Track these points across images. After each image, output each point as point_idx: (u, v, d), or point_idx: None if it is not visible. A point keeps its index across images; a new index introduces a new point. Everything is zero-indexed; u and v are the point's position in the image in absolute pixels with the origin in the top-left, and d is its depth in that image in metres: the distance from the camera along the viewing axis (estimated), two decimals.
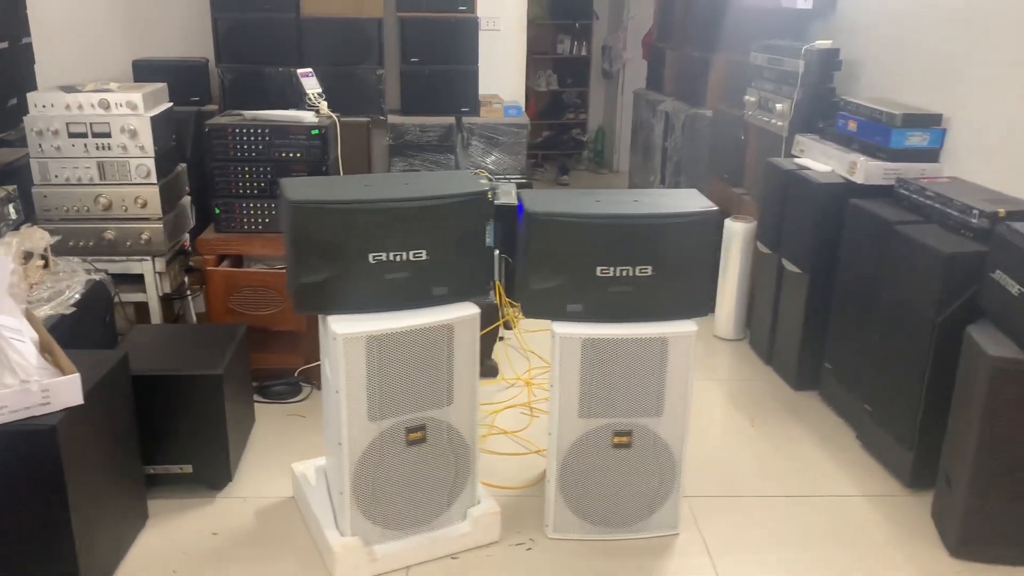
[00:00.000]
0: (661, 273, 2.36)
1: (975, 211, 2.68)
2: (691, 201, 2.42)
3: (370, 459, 2.31)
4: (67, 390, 2.08)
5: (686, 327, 2.40)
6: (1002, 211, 2.62)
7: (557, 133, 8.05)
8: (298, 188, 2.27)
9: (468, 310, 2.36)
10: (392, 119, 4.75)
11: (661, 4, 5.63)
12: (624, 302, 2.38)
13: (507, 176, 4.81)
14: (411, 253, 2.26)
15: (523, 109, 5.03)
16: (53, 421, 2.03)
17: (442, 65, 4.75)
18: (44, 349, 2.28)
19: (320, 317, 2.32)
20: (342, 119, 3.52)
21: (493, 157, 4.88)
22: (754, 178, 4.08)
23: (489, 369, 3.59)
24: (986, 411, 2.35)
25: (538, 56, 7.79)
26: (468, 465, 2.46)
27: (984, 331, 2.45)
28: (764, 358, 3.79)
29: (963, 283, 2.59)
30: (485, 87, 4.93)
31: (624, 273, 2.36)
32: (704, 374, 3.70)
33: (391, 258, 2.25)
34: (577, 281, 2.37)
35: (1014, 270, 2.36)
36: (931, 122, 3.15)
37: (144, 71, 4.50)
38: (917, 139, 3.15)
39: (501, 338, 3.84)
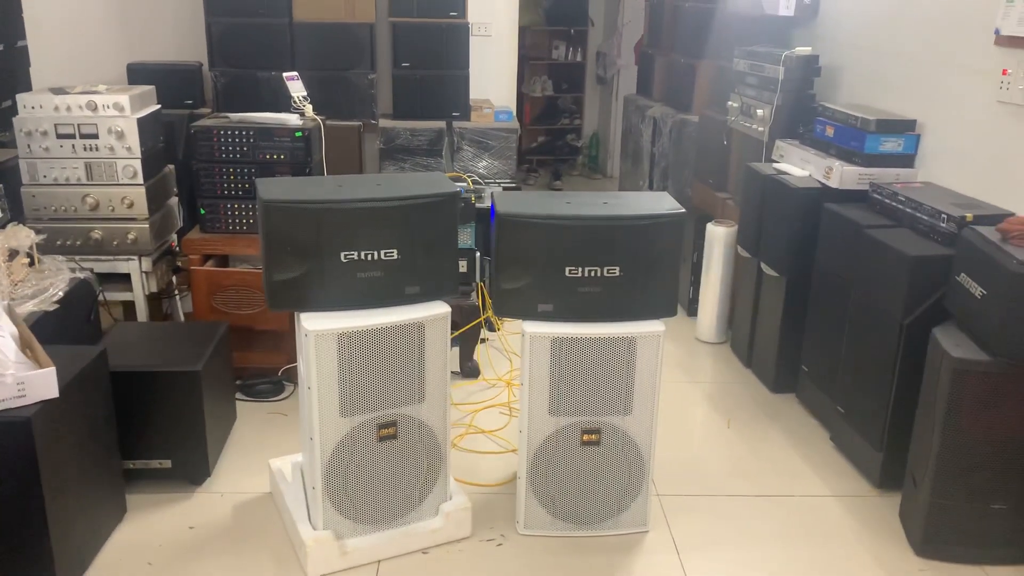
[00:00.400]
0: (629, 274, 2.40)
1: (943, 215, 2.71)
2: (659, 203, 2.47)
3: (342, 454, 2.35)
4: (42, 383, 2.13)
5: (654, 327, 2.45)
6: (969, 216, 2.66)
7: (552, 138, 8.10)
8: (272, 188, 2.32)
9: (439, 309, 2.40)
10: (384, 123, 4.82)
11: (650, 10, 5.68)
12: (593, 302, 2.43)
13: (497, 181, 4.88)
14: (382, 252, 2.31)
15: (514, 114, 5.08)
16: (28, 413, 2.08)
17: (433, 70, 4.82)
18: (24, 345, 2.33)
19: (294, 314, 2.37)
20: (334, 123, 3.58)
21: (484, 162, 4.94)
22: (737, 183, 4.12)
23: (471, 370, 3.64)
24: (948, 411, 2.39)
25: (534, 62, 7.85)
26: (439, 461, 2.50)
27: (949, 333, 2.49)
28: (744, 361, 3.82)
29: (930, 286, 2.63)
30: (476, 92, 4.99)
31: (592, 273, 2.40)
32: (685, 376, 3.74)
33: (363, 257, 2.30)
34: (547, 281, 2.41)
35: (977, 273, 2.40)
36: (905, 128, 3.19)
37: (138, 74, 4.57)
38: (892, 144, 3.19)
39: (483, 340, 3.88)
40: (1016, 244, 2.33)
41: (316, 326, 2.25)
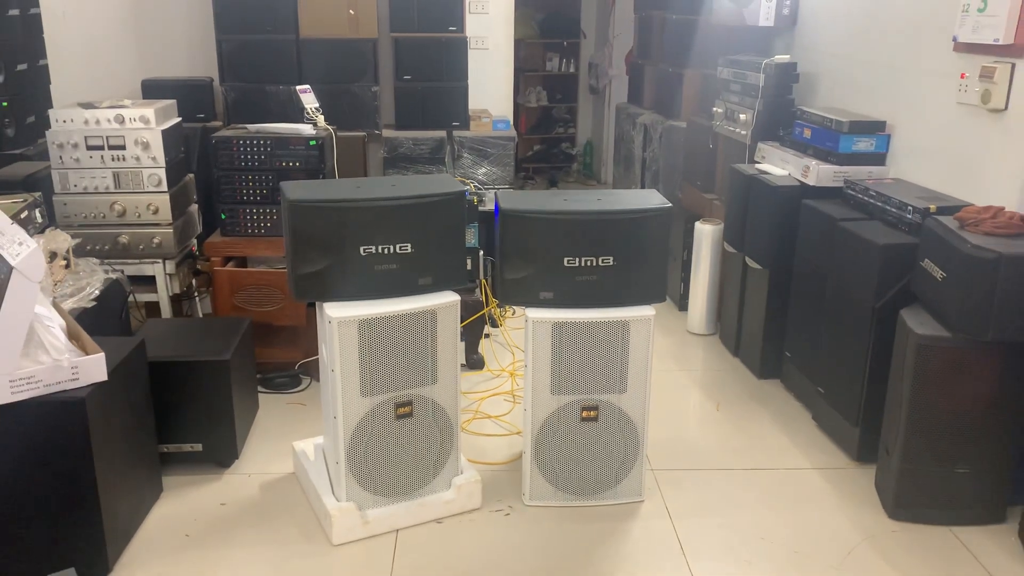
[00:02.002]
0: (621, 263, 2.64)
1: (909, 207, 2.96)
2: (648, 199, 2.71)
3: (363, 431, 2.58)
4: (94, 367, 2.35)
5: (645, 311, 2.68)
6: (933, 207, 2.90)
7: (548, 147, 8.36)
8: (297, 189, 2.55)
9: (450, 298, 2.63)
10: (387, 133, 5.05)
11: (640, 23, 5.94)
12: (589, 289, 2.66)
13: (496, 186, 5.12)
14: (397, 246, 2.54)
15: (511, 123, 5.32)
16: (82, 394, 2.30)
17: (434, 82, 5.06)
18: (71, 335, 2.55)
19: (317, 304, 2.60)
20: (340, 133, 3.83)
21: (483, 169, 5.17)
22: (723, 184, 4.36)
23: (476, 362, 3.87)
24: (914, 384, 2.63)
25: (528, 73, 8.11)
26: (451, 438, 2.73)
27: (914, 314, 2.73)
28: (732, 350, 4.06)
29: (898, 272, 2.87)
30: (475, 102, 5.24)
31: (589, 263, 2.64)
32: (677, 366, 3.97)
33: (380, 251, 2.53)
34: (547, 271, 2.65)
35: (938, 258, 2.64)
36: (875, 128, 3.44)
37: (152, 90, 4.81)
38: (864, 144, 3.44)
39: (487, 335, 4.11)
40: (971, 230, 2.58)
41: (339, 313, 2.48)
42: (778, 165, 3.75)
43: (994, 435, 2.63)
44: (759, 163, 3.89)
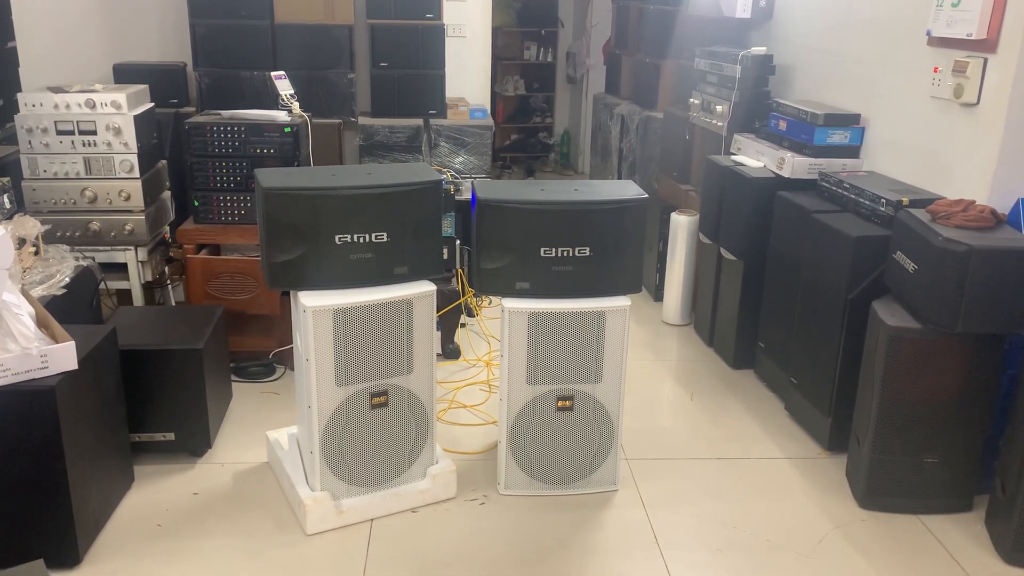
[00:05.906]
0: (598, 254, 2.65)
1: (883, 200, 2.99)
2: (624, 190, 2.71)
3: (338, 421, 2.57)
4: (64, 356, 2.32)
5: (621, 302, 2.69)
6: (905, 200, 2.93)
7: (525, 136, 8.34)
8: (271, 177, 2.52)
9: (426, 287, 2.62)
10: (363, 120, 5.02)
11: (617, 13, 5.94)
12: (566, 280, 2.67)
13: (473, 175, 5.10)
14: (373, 235, 2.53)
15: (488, 112, 5.31)
16: (52, 383, 2.27)
17: (410, 69, 5.03)
18: (40, 324, 2.51)
19: (292, 293, 2.58)
20: (315, 120, 3.79)
21: (460, 158, 5.16)
22: (699, 175, 4.38)
23: (452, 351, 3.86)
24: (885, 375, 2.66)
25: (506, 62, 8.08)
26: (426, 428, 2.72)
27: (886, 305, 2.76)
28: (706, 341, 4.09)
29: (871, 263, 2.90)
30: (452, 91, 5.21)
31: (565, 254, 2.64)
32: (652, 356, 3.99)
33: (355, 240, 2.52)
34: (524, 261, 2.65)
35: (910, 250, 2.67)
36: (850, 121, 3.47)
37: (124, 74, 4.74)
38: (839, 137, 3.47)
39: (463, 324, 4.10)
40: (943, 223, 2.61)
41: (314, 302, 2.46)
42: (753, 157, 3.77)
43: (962, 426, 2.67)
44: (735, 155, 3.91)
